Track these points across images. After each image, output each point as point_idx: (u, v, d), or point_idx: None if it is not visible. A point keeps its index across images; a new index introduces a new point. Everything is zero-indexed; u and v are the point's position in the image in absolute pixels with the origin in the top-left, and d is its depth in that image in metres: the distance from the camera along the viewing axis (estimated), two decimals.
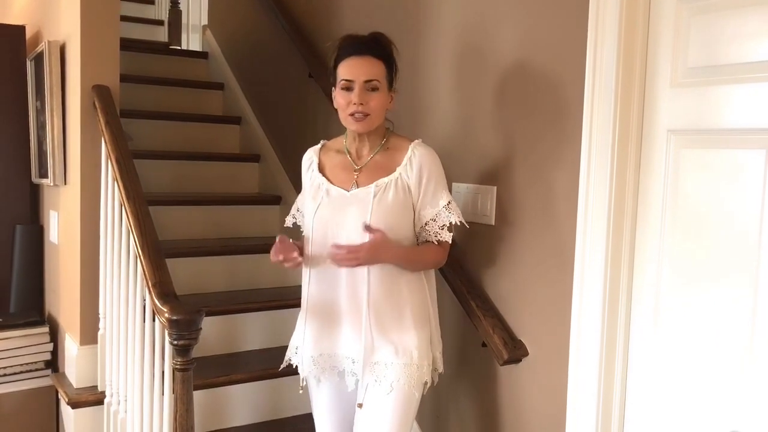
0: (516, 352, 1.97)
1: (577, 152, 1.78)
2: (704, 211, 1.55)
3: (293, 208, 2.05)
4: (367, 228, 1.72)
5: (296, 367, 1.94)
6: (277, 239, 1.82)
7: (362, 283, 1.78)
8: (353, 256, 1.70)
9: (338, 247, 1.71)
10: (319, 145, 1.98)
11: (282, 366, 1.98)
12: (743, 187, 1.48)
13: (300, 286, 1.92)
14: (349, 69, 1.78)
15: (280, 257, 1.81)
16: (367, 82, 1.77)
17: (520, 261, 2.00)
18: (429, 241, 1.86)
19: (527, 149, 1.98)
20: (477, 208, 2.14)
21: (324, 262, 1.81)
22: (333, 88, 1.85)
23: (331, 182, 1.87)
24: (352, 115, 1.79)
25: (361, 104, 1.77)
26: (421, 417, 2.31)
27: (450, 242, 1.86)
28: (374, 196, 1.78)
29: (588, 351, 1.76)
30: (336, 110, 1.85)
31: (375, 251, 1.73)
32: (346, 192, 1.83)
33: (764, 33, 1.44)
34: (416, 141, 1.86)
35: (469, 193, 2.18)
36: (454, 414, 2.28)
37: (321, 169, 1.91)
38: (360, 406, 1.80)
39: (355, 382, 1.83)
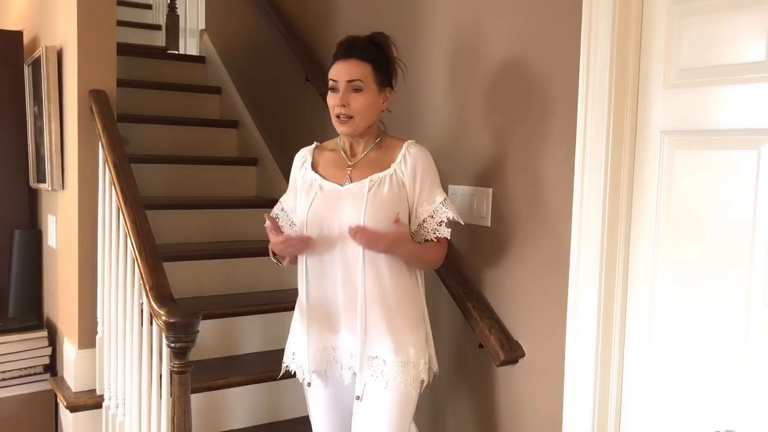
0: (513, 353, 1.97)
1: (571, 153, 1.79)
2: (697, 211, 1.56)
3: (276, 207, 2.03)
4: (396, 221, 1.74)
5: (294, 373, 1.94)
6: (268, 220, 1.84)
7: (359, 279, 1.79)
8: (374, 242, 1.72)
9: (362, 229, 1.72)
10: (312, 146, 2.00)
11: (281, 374, 1.98)
12: (736, 186, 1.48)
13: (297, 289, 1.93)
14: (334, 71, 1.83)
15: (281, 239, 1.80)
16: (349, 82, 1.80)
17: (516, 262, 2.01)
18: (428, 241, 1.87)
19: (522, 151, 1.99)
20: (473, 210, 2.15)
21: (321, 247, 1.82)
22: None
23: (324, 178, 1.88)
24: (338, 117, 1.82)
25: (343, 105, 1.80)
26: (418, 418, 2.31)
27: (448, 238, 1.87)
28: (369, 190, 1.79)
29: (584, 351, 1.76)
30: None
31: (396, 243, 1.76)
32: (339, 187, 1.85)
33: (755, 34, 1.45)
34: (410, 141, 1.88)
35: (465, 195, 2.19)
36: (451, 415, 2.28)
37: (314, 167, 1.93)
38: (359, 398, 1.81)
39: (351, 375, 1.84)
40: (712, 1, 1.53)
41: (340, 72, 1.81)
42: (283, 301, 2.80)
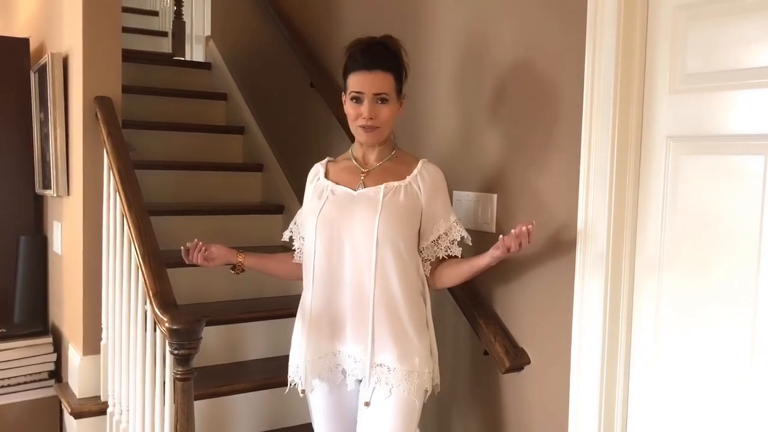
0: (518, 360, 1.96)
1: (576, 159, 1.78)
2: (704, 218, 1.55)
3: (292, 222, 2.05)
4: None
5: (300, 389, 1.90)
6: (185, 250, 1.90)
7: (369, 285, 1.77)
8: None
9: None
10: (325, 160, 2.00)
11: (288, 389, 1.94)
12: (743, 192, 1.47)
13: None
14: (358, 82, 1.80)
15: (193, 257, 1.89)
16: (376, 95, 1.79)
17: (521, 269, 1.99)
18: (438, 258, 1.88)
19: (527, 156, 1.98)
20: (478, 216, 2.14)
21: (330, 251, 1.81)
22: (343, 93, 1.87)
23: (336, 183, 1.88)
24: (362, 127, 1.81)
25: (371, 118, 1.79)
26: (423, 425, 2.29)
27: (459, 256, 1.88)
28: (384, 196, 1.79)
29: (589, 359, 1.75)
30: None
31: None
32: (352, 191, 1.84)
33: (761, 39, 1.43)
34: (424, 159, 1.90)
35: (470, 201, 2.18)
36: (456, 422, 2.27)
37: (326, 176, 1.93)
38: (367, 404, 1.79)
39: (355, 382, 1.83)
40: (717, 5, 1.52)
41: (364, 84, 1.79)
42: (288, 307, 2.77)
